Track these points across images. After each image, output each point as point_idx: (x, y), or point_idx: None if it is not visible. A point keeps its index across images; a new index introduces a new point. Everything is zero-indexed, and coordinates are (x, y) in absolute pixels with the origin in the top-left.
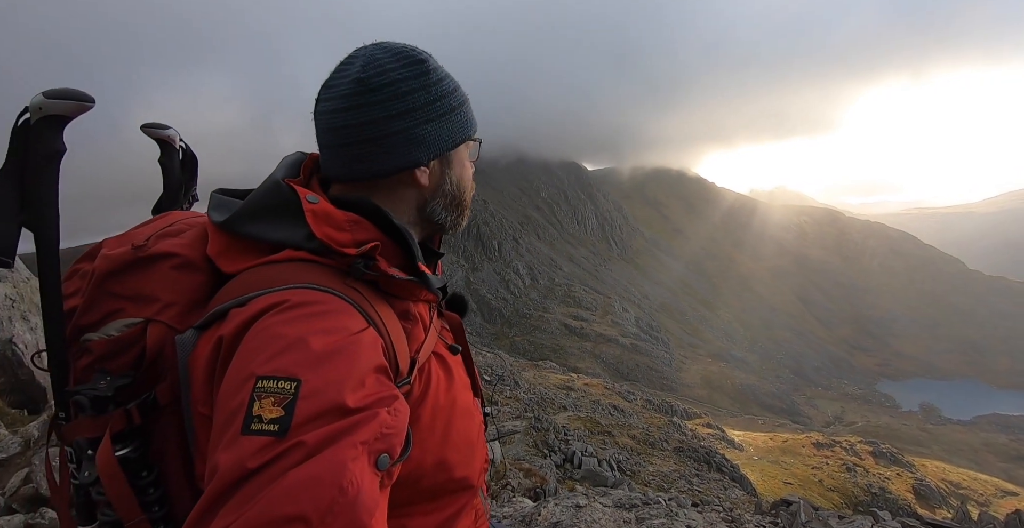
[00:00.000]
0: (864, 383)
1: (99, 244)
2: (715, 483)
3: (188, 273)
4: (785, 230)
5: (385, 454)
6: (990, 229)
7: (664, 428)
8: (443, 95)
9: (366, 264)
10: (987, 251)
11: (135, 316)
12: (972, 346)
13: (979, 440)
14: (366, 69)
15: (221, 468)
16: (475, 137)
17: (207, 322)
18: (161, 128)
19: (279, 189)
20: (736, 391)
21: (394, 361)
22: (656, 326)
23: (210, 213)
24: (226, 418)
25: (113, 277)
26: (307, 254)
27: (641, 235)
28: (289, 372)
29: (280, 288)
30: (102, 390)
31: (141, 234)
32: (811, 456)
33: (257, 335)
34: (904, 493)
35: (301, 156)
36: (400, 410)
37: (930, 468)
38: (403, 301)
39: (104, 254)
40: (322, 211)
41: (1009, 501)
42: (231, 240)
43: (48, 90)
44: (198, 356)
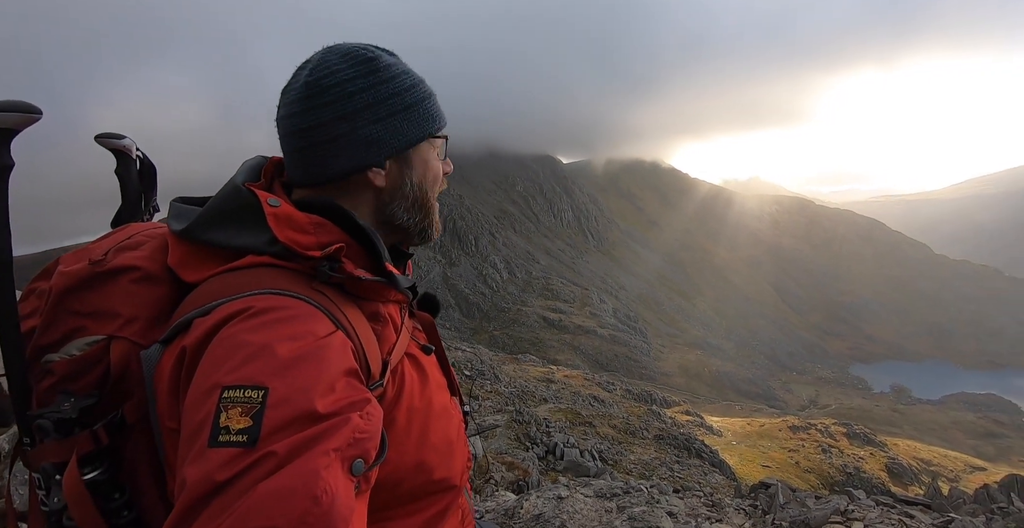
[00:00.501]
0: (837, 367)
1: (55, 261)
2: (695, 469)
3: (149, 286)
4: (758, 220)
5: (359, 459)
6: (954, 215)
7: (644, 417)
8: (394, 93)
9: (331, 266)
10: (952, 236)
11: (97, 333)
12: (939, 329)
13: (948, 419)
14: (314, 72)
15: (189, 482)
16: (439, 134)
17: (171, 335)
18: (116, 138)
19: (239, 193)
20: (713, 378)
21: (365, 364)
22: (634, 317)
23: (169, 222)
24: (193, 430)
25: (71, 294)
26: (270, 259)
27: (617, 227)
28: (255, 380)
29: (244, 294)
30: (66, 412)
31: (99, 248)
32: (787, 439)
33: (221, 343)
34: (878, 472)
35: (261, 160)
36: (373, 414)
37: (902, 447)
38: (372, 303)
39: (61, 271)
40: (284, 214)
41: (978, 476)
42: (192, 248)
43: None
44: (162, 369)
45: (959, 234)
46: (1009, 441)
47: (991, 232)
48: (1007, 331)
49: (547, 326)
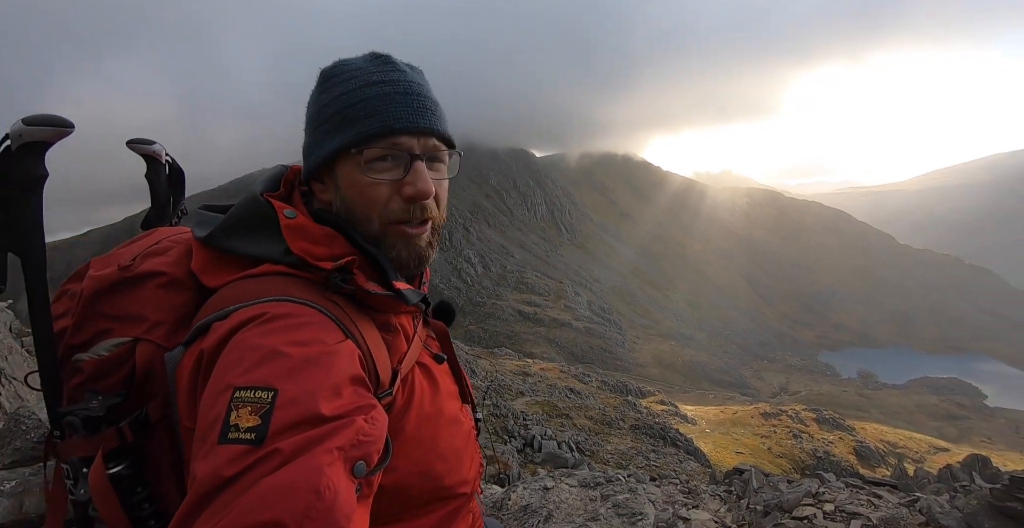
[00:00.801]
0: (806, 355)
1: (86, 265)
2: (671, 457)
3: (174, 291)
4: (729, 212)
5: (361, 461)
6: (917, 206)
7: (620, 407)
8: (324, 104)
9: (343, 278)
10: (915, 226)
11: (123, 336)
12: (903, 316)
13: (912, 402)
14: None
15: (198, 477)
16: (362, 148)
17: (191, 337)
18: (147, 143)
19: (256, 203)
20: (687, 368)
21: (374, 373)
22: (608, 309)
23: (193, 229)
24: (205, 428)
25: (101, 297)
26: (285, 268)
27: (590, 220)
28: (266, 382)
29: (259, 301)
30: (94, 410)
31: (127, 253)
32: (760, 426)
33: (236, 347)
34: (846, 455)
35: (282, 169)
36: (378, 419)
37: (869, 430)
38: (383, 313)
39: (91, 275)
40: (298, 226)
41: (941, 457)
42: (213, 255)
43: (27, 117)
44: (182, 371)
45: (922, 224)
46: (970, 423)
47: (952, 222)
48: (967, 317)
49: (522, 319)
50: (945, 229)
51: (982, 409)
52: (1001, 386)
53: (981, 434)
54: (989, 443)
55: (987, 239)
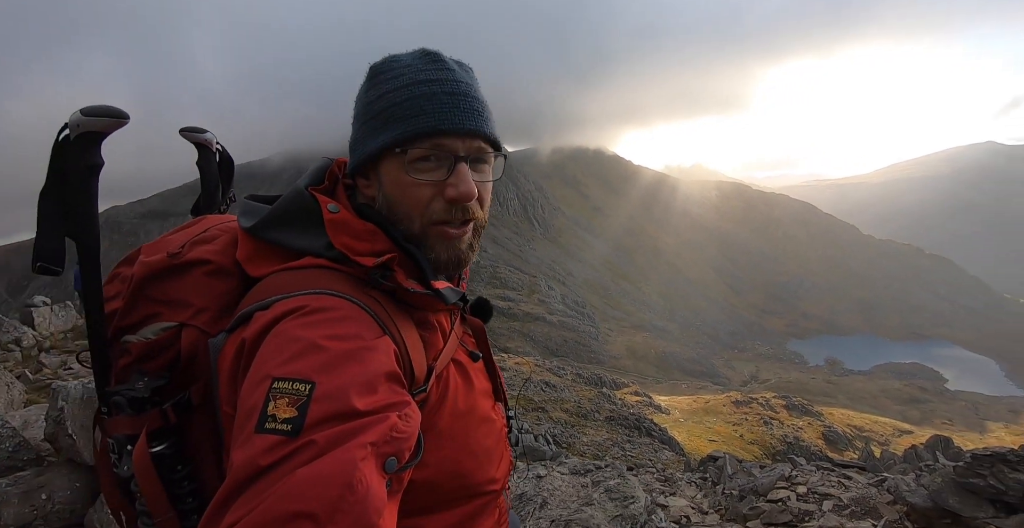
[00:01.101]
0: (775, 343)
1: (137, 250)
2: (646, 447)
3: (220, 279)
4: (698, 205)
5: (393, 457)
6: (880, 198)
7: (595, 399)
8: (375, 99)
9: (383, 275)
10: (878, 218)
11: (170, 320)
12: (867, 304)
13: (877, 387)
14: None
15: (235, 465)
16: (407, 147)
17: (234, 325)
18: (199, 132)
19: (302, 198)
20: (660, 359)
21: (409, 369)
22: (581, 302)
23: (239, 219)
24: (244, 416)
25: (150, 282)
26: (327, 261)
27: (562, 214)
28: (304, 374)
29: (300, 293)
30: (139, 391)
31: (176, 241)
32: (731, 414)
33: (276, 337)
34: (815, 440)
35: (327, 162)
36: (411, 416)
37: (836, 416)
38: (421, 310)
39: (142, 260)
40: (341, 220)
41: (906, 439)
42: (257, 245)
43: (85, 107)
44: (224, 357)
45: (884, 216)
46: (932, 405)
47: (913, 214)
48: (928, 305)
49: (496, 314)
50: (906, 220)
51: (943, 392)
52: (960, 370)
53: (942, 416)
54: (950, 424)
55: (946, 230)
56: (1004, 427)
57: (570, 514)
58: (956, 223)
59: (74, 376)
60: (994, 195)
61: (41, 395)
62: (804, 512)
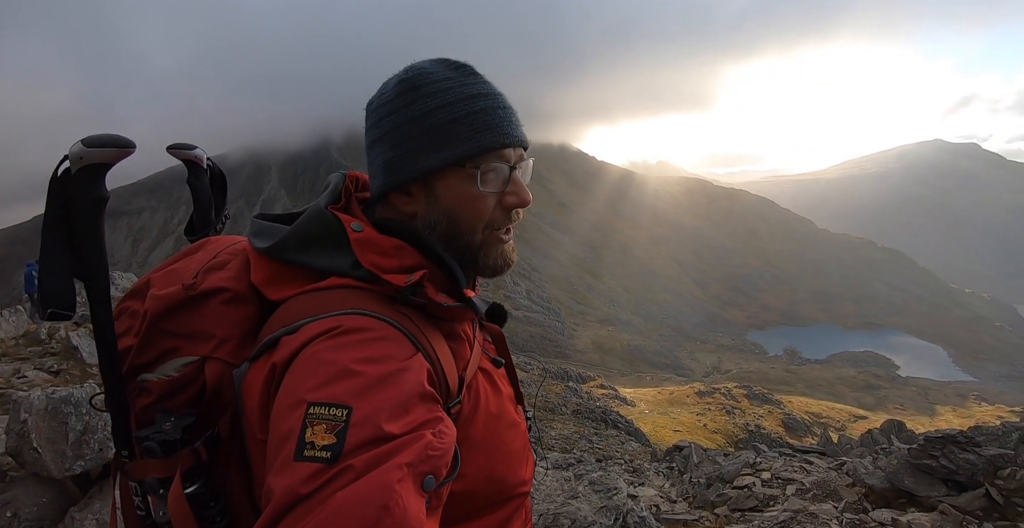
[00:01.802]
0: (736, 334)
1: (145, 281)
2: (613, 439)
3: (238, 306)
4: (661, 200)
5: (431, 476)
6: (835, 193)
7: (562, 393)
8: (416, 116)
9: (414, 291)
10: (833, 212)
11: (191, 354)
12: (824, 295)
13: (833, 375)
14: (375, 95)
15: (276, 494)
16: (476, 162)
17: (259, 352)
18: (187, 148)
19: (324, 218)
20: (625, 352)
21: (443, 383)
22: (547, 297)
23: (252, 240)
24: (278, 442)
25: (167, 317)
26: (353, 281)
27: (528, 210)
28: (340, 399)
29: (332, 314)
30: (170, 433)
31: (187, 269)
32: (695, 404)
33: (307, 360)
34: (776, 427)
35: (341, 178)
36: (446, 432)
37: (795, 403)
38: (450, 322)
39: (154, 294)
40: (368, 239)
41: (861, 424)
42: (277, 268)
43: (87, 138)
44: (252, 385)
45: (840, 210)
46: (885, 392)
47: (867, 208)
48: (881, 296)
49: None
50: (860, 214)
51: (895, 379)
52: (910, 357)
53: (895, 401)
54: (902, 409)
55: (897, 223)
56: (952, 410)
57: (557, 507)
58: (906, 217)
59: (29, 384)
60: (941, 190)
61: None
62: (769, 497)
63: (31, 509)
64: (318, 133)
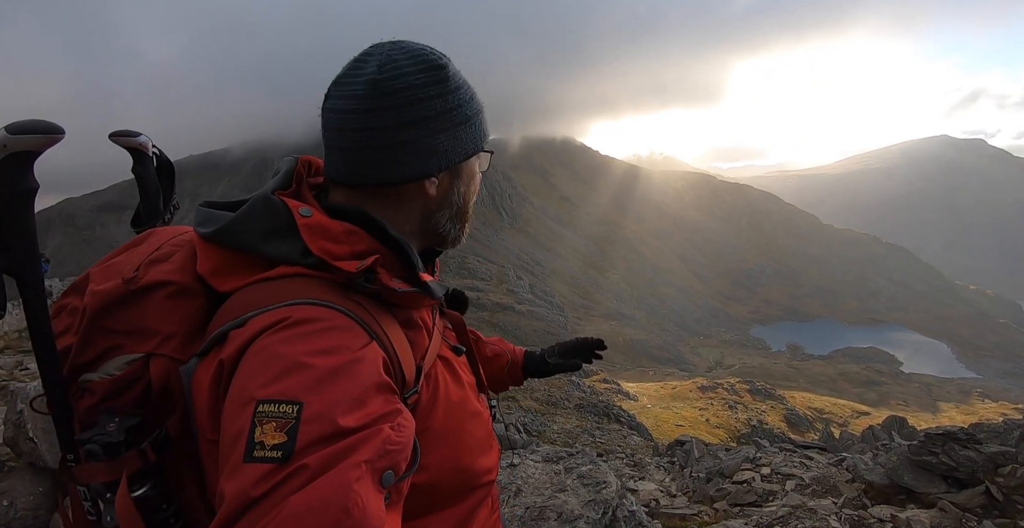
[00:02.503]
0: (739, 329)
1: (85, 276)
2: (615, 433)
3: (184, 300)
4: (665, 195)
5: (390, 471)
6: (839, 188)
7: (564, 388)
8: (460, 104)
9: (367, 278)
10: (837, 207)
11: (135, 352)
12: (827, 291)
13: (836, 371)
14: (382, 70)
15: (226, 498)
16: (487, 149)
17: (207, 347)
18: (131, 135)
19: (270, 203)
20: (627, 347)
21: (399, 373)
22: (549, 291)
23: (197, 229)
24: (229, 443)
25: (106, 313)
26: (303, 269)
27: (530, 204)
28: (290, 395)
29: (280, 305)
30: (113, 435)
31: (128, 263)
32: (697, 399)
33: (256, 355)
34: (778, 423)
35: (292, 162)
36: (405, 425)
37: (798, 399)
38: (406, 309)
39: (93, 290)
40: (316, 224)
41: (863, 420)
42: (222, 256)
43: (11, 124)
44: (200, 382)
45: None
46: (888, 388)
47: (871, 203)
48: (884, 291)
49: None
50: (864, 210)
51: (898, 375)
52: (913, 353)
53: (898, 398)
54: (905, 406)
55: (901, 219)
56: (955, 407)
57: (544, 501)
58: (910, 213)
59: (31, 376)
60: (946, 186)
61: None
62: (768, 492)
63: (27, 499)
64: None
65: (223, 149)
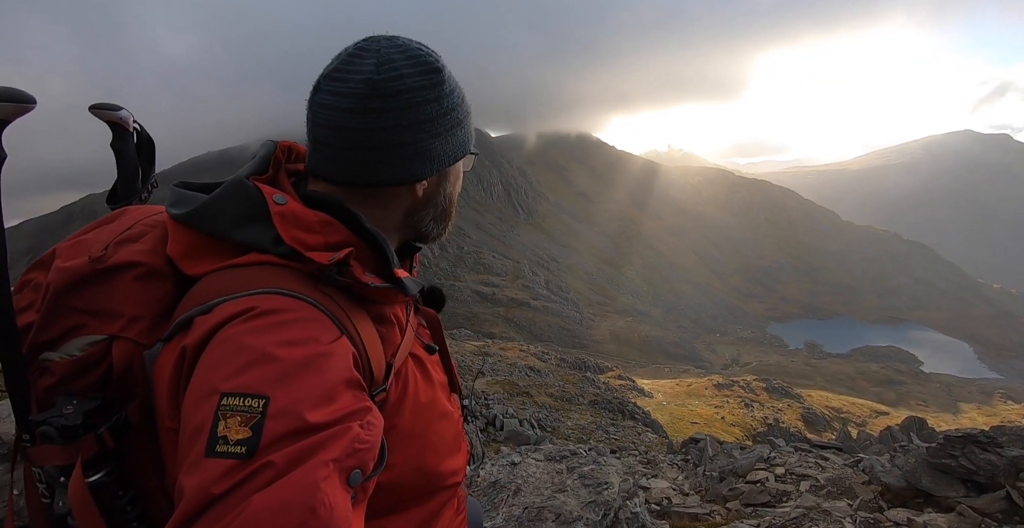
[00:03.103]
0: (756, 327)
1: (51, 252)
2: (629, 430)
3: (152, 282)
4: (681, 190)
5: (357, 470)
6: (859, 184)
7: (579, 384)
8: (453, 108)
9: (339, 270)
10: (857, 204)
11: (98, 333)
12: (846, 288)
13: (855, 370)
14: (380, 70)
15: (186, 494)
16: (473, 150)
17: (172, 333)
18: (112, 109)
19: (244, 188)
20: (643, 343)
21: (368, 369)
22: (565, 287)
23: (170, 209)
24: (190, 435)
25: (71, 291)
26: (274, 258)
27: (546, 200)
28: (256, 388)
29: (248, 293)
30: (70, 418)
31: (97, 241)
32: (713, 396)
33: (221, 345)
34: (795, 421)
35: (271, 147)
36: (374, 424)
37: (815, 397)
38: (379, 304)
39: (59, 267)
40: (290, 212)
41: (881, 420)
42: (193, 239)
43: None
44: (162, 368)
45: (863, 202)
46: (907, 387)
47: (892, 200)
48: (904, 289)
49: (481, 300)
50: (885, 206)
51: (918, 374)
52: (934, 352)
53: (917, 398)
54: (924, 406)
55: (923, 216)
56: (976, 408)
57: (543, 501)
58: (933, 210)
59: None
60: (969, 182)
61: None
62: (782, 492)
63: None
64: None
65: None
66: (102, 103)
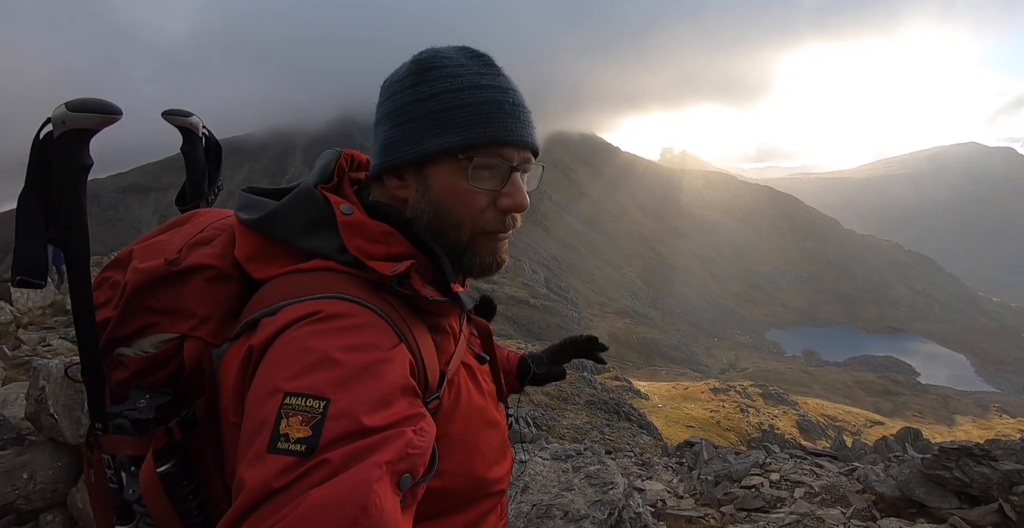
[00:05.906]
0: (754, 332)
1: (128, 252)
2: (625, 431)
3: (222, 284)
4: (685, 193)
5: (408, 474)
6: (862, 193)
7: (575, 383)
8: (427, 97)
9: (400, 281)
10: (859, 212)
11: (170, 331)
12: (846, 297)
13: (852, 379)
14: (393, 72)
15: (247, 486)
16: (470, 154)
17: (239, 333)
18: (183, 115)
19: (312, 197)
20: (641, 345)
21: (423, 377)
22: (565, 286)
23: (238, 214)
24: (252, 430)
25: (147, 291)
26: (338, 265)
27: (549, 198)
28: (318, 390)
29: (313, 297)
30: (143, 411)
31: (171, 243)
32: (709, 400)
33: (286, 346)
34: (790, 428)
35: (334, 155)
36: (427, 430)
37: (811, 405)
38: (436, 316)
39: (135, 267)
40: (356, 222)
41: (877, 429)
42: (261, 244)
43: (71, 101)
44: (228, 366)
45: (866, 211)
46: (904, 398)
47: (895, 210)
48: (904, 300)
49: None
50: (887, 216)
51: (915, 385)
52: (932, 364)
53: (913, 409)
54: (920, 417)
55: (926, 227)
56: (972, 421)
57: (551, 499)
58: (935, 220)
59: (53, 353)
60: (973, 194)
61: (20, 372)
62: (776, 498)
63: (47, 472)
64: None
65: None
66: (173, 109)
